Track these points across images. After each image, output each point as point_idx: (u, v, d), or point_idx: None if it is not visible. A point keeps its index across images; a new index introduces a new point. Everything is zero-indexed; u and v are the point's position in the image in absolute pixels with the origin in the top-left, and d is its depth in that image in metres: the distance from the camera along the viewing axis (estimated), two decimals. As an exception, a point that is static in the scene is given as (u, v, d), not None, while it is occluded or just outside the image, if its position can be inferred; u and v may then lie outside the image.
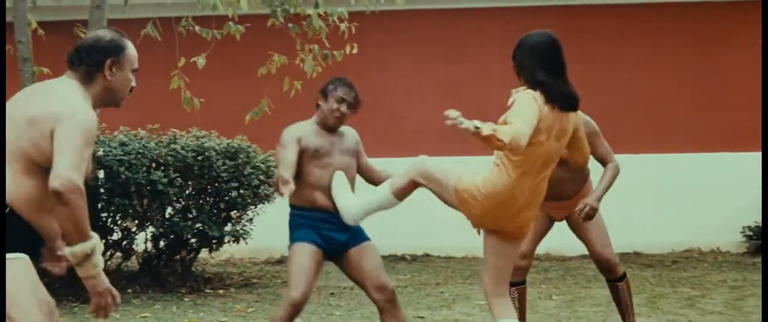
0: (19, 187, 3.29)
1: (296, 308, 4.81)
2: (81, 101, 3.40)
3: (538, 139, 4.37)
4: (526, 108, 4.37)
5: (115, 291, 3.40)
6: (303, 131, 5.05)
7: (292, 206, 5.04)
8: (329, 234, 4.99)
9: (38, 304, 3.28)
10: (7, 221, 3.27)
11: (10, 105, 3.49)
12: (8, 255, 3.26)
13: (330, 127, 5.09)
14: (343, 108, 5.10)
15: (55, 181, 3.19)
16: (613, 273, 5.85)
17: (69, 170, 3.21)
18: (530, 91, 4.46)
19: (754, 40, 9.78)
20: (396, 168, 10.16)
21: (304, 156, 4.99)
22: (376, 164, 5.38)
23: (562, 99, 4.49)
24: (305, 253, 4.90)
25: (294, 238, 4.98)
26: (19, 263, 3.28)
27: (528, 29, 4.78)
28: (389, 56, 10.66)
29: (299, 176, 4.94)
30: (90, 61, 3.50)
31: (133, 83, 3.62)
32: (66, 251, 3.30)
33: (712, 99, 10.58)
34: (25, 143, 3.31)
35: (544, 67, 4.50)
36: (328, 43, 8.18)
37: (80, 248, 3.27)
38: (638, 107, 10.56)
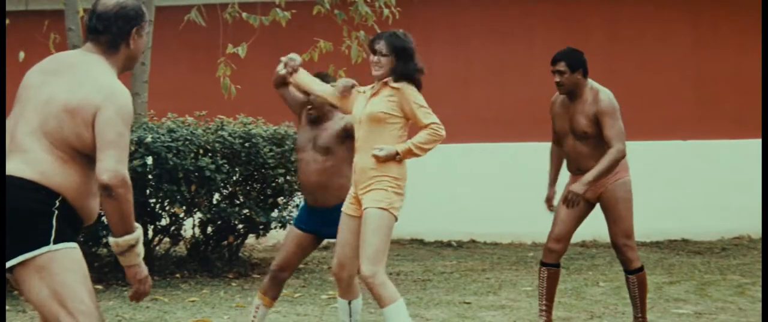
0: (66, 176, 3.30)
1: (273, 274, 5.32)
2: (116, 84, 3.39)
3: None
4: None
5: (150, 280, 3.47)
6: None
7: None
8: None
9: (90, 294, 3.31)
10: (58, 210, 3.29)
11: (34, 88, 3.42)
12: (61, 245, 3.27)
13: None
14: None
15: (104, 175, 3.23)
16: (628, 265, 5.79)
17: (116, 163, 3.24)
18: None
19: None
20: (437, 155, 10.19)
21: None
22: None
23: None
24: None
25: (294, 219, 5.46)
26: (72, 253, 3.30)
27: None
28: (434, 41, 10.63)
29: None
30: (115, 30, 3.46)
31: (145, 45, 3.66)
32: (111, 240, 3.34)
33: (761, 85, 10.43)
34: (68, 133, 3.31)
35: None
36: (378, 28, 8.17)
37: (125, 239, 3.32)
38: (687, 93, 10.45)
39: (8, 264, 3.28)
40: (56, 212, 3.28)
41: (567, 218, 5.82)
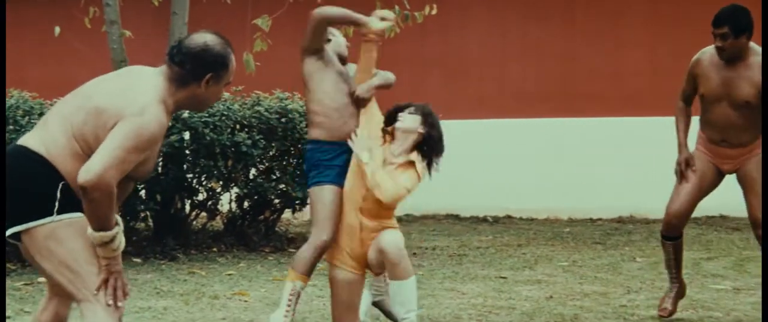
0: (73, 167, 3.31)
1: (322, 250, 4.88)
2: (154, 105, 3.32)
3: None
4: None
5: (126, 279, 3.42)
6: None
7: (325, 142, 4.92)
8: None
9: (96, 260, 3.35)
10: (64, 186, 3.31)
11: (93, 82, 3.49)
12: (65, 215, 3.32)
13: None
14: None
15: (83, 175, 3.19)
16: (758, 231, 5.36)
17: (100, 169, 3.19)
18: None
19: None
20: (473, 131, 10.12)
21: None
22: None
23: None
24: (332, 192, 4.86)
25: (329, 176, 4.89)
26: (77, 221, 3.33)
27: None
28: (470, 16, 10.58)
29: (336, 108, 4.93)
30: (190, 69, 3.41)
31: (221, 95, 3.58)
32: (88, 233, 3.31)
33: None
34: (88, 131, 3.32)
35: None
36: (408, 5, 8.13)
37: (99, 235, 3.29)
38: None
39: (12, 231, 3.34)
40: (61, 185, 3.32)
41: (694, 191, 5.42)
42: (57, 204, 3.31)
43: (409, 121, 4.82)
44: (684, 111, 5.57)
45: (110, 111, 3.30)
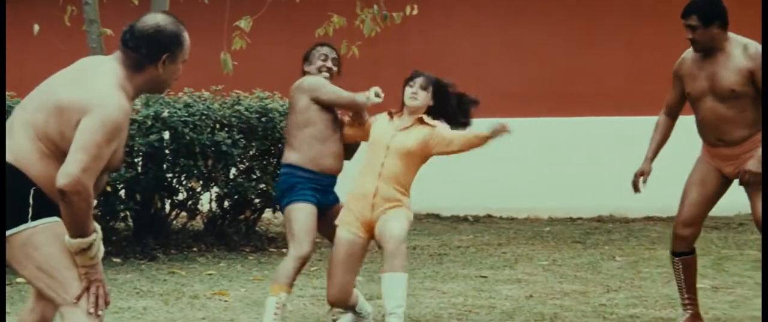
0: (42, 169, 3.28)
1: (303, 262, 5.03)
2: (114, 93, 3.29)
3: None
4: None
5: (107, 288, 3.37)
6: None
7: (303, 169, 5.13)
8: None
9: (75, 264, 3.32)
10: (36, 192, 3.28)
11: (52, 78, 3.44)
12: (40, 221, 3.28)
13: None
14: (328, 64, 5.35)
15: (62, 179, 3.15)
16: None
17: (78, 170, 3.15)
18: None
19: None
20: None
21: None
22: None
23: None
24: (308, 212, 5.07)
25: (304, 196, 5.10)
26: (53, 226, 3.30)
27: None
28: (450, 17, 10.60)
29: (320, 139, 5.15)
30: (145, 52, 3.39)
31: (180, 74, 3.51)
32: (65, 239, 3.26)
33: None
34: (52, 129, 3.27)
35: None
36: (383, 7, 8.13)
37: (77, 242, 3.25)
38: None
39: None
40: (33, 191, 3.29)
41: (699, 200, 5.21)
42: (30, 210, 3.28)
43: (422, 98, 5.15)
44: (663, 124, 5.48)
45: (72, 107, 3.26)
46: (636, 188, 5.45)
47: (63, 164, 3.19)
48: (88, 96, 3.26)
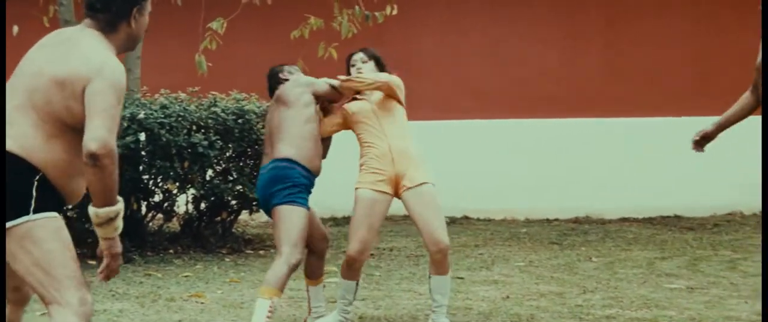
0: (49, 152, 3.28)
1: (295, 269, 5.01)
2: (109, 58, 3.33)
3: None
4: None
5: (122, 259, 3.43)
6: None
7: (304, 168, 5.10)
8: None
9: (74, 260, 3.30)
10: (39, 183, 3.27)
11: (29, 61, 3.42)
12: (41, 214, 3.27)
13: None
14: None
15: (92, 143, 3.16)
16: None
17: (105, 132, 3.18)
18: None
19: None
20: (431, 132, 10.17)
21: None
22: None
23: None
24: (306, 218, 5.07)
25: (305, 201, 5.08)
26: (53, 222, 3.29)
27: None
28: (428, 18, 10.61)
29: (314, 137, 5.18)
30: (115, 10, 3.42)
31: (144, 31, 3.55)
32: (90, 210, 3.28)
33: (755, 61, 10.43)
34: (58, 106, 3.27)
35: None
36: (364, 8, 8.13)
37: (105, 211, 3.27)
38: (683, 69, 10.45)
39: None
40: (36, 183, 3.27)
41: None
42: (33, 202, 3.26)
43: (369, 71, 5.38)
44: (742, 97, 5.43)
45: (73, 78, 3.26)
46: (697, 147, 5.52)
47: (86, 132, 3.19)
48: (86, 64, 3.27)
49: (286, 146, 5.09)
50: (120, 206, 3.32)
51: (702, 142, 5.45)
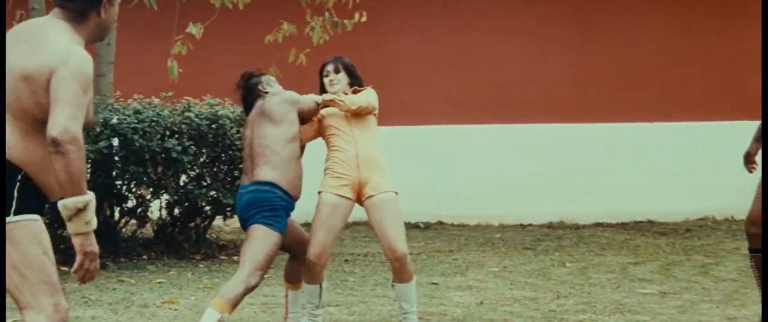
0: (27, 150, 3.24)
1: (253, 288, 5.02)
2: (74, 48, 3.28)
3: None
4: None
5: (97, 263, 3.32)
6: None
7: (285, 192, 5.08)
8: None
9: (51, 265, 3.27)
10: (21, 183, 3.24)
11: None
12: (21, 216, 3.23)
13: None
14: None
15: (53, 130, 3.11)
16: None
17: (67, 120, 3.13)
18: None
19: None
20: (404, 138, 10.20)
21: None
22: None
23: None
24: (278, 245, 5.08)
25: (282, 225, 5.06)
26: (33, 224, 3.26)
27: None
28: (400, 24, 10.62)
29: (296, 158, 5.18)
30: (85, 0, 3.38)
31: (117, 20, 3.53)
32: (59, 203, 3.20)
33: (727, 68, 10.53)
34: (27, 102, 3.23)
35: None
36: (334, 15, 8.13)
37: (73, 201, 3.18)
38: (656, 75, 10.52)
39: None
40: (18, 184, 3.24)
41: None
42: (14, 203, 3.21)
43: (340, 80, 5.49)
44: None
45: (39, 70, 3.22)
46: (750, 167, 5.69)
47: (49, 120, 3.14)
48: (50, 56, 3.23)
49: (268, 169, 5.05)
50: (90, 196, 3.23)
51: (750, 160, 5.72)
